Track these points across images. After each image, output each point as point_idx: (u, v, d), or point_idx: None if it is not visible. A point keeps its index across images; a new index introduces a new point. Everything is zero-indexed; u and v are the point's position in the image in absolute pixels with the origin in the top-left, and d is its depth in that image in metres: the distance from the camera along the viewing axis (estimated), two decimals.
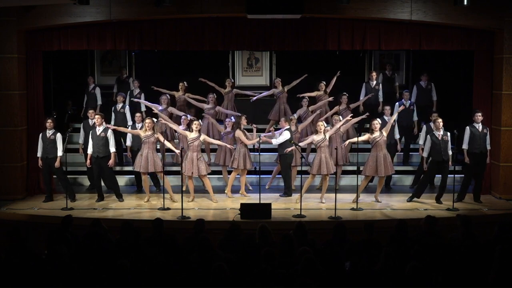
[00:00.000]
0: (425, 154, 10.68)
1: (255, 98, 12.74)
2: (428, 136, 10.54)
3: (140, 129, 10.78)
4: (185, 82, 12.55)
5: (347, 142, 10.85)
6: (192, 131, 10.49)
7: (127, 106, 12.27)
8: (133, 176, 11.83)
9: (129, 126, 11.66)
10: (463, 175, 11.19)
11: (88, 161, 10.77)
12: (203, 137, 10.54)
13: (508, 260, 5.66)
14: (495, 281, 5.62)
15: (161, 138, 10.60)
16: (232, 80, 13.27)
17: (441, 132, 10.42)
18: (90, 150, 10.70)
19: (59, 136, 10.63)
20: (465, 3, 9.83)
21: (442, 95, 12.97)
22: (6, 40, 10.74)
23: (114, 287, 5.49)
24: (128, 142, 11.47)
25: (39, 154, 10.65)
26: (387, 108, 11.29)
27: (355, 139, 10.53)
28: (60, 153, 10.58)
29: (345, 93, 12.23)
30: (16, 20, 10.68)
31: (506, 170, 11.04)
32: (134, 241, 6.84)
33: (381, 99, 12.82)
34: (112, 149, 10.69)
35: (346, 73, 13.14)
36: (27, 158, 11.21)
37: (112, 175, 10.95)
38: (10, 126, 10.94)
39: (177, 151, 10.57)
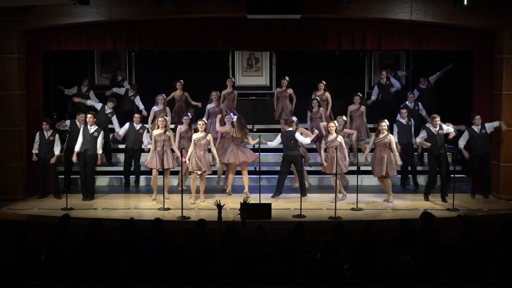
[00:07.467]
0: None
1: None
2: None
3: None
4: (181, 81, 12.53)
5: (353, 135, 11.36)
6: (198, 131, 10.50)
7: (115, 116, 12.04)
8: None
9: (117, 132, 11.74)
10: (462, 175, 11.25)
11: (75, 156, 10.71)
12: (209, 136, 10.54)
13: (508, 260, 5.66)
14: (495, 281, 5.61)
15: (172, 138, 10.63)
16: (233, 80, 13.19)
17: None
18: (78, 148, 10.68)
19: (57, 137, 10.75)
20: (465, 3, 9.83)
21: (442, 95, 12.97)
22: (6, 40, 10.74)
23: (114, 287, 5.48)
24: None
25: (34, 150, 10.73)
26: (403, 111, 11.50)
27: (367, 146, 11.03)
28: (57, 152, 10.68)
29: (359, 93, 12.28)
30: (16, 20, 10.67)
31: (506, 170, 11.04)
32: (134, 241, 6.84)
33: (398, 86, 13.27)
34: (100, 150, 10.73)
35: (346, 73, 13.15)
36: (27, 158, 11.19)
37: (93, 174, 10.99)
38: (10, 126, 10.94)
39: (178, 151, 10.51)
